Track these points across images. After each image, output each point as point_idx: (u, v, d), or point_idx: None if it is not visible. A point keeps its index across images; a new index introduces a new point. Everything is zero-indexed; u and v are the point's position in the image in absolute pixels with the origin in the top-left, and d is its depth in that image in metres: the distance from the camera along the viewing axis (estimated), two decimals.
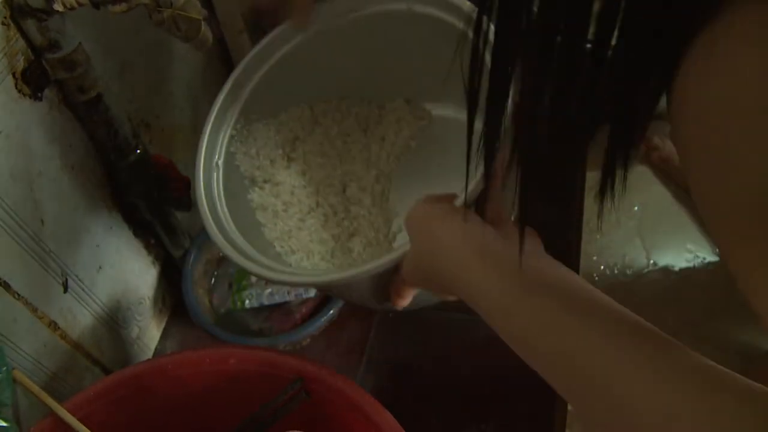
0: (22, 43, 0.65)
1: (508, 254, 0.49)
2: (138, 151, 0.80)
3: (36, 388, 0.67)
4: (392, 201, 0.82)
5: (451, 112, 0.84)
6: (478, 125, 0.47)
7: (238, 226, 0.72)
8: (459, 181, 0.52)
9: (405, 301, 0.64)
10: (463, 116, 0.48)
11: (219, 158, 0.76)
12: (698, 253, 0.79)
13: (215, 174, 0.75)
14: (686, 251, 0.80)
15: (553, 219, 0.97)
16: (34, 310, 0.71)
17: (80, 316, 0.80)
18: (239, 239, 0.70)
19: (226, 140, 0.77)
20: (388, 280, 0.63)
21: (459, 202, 0.56)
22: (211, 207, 0.72)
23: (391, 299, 0.65)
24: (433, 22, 0.72)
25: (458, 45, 0.43)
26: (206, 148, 0.75)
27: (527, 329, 0.47)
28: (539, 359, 0.47)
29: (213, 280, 1.01)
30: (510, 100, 0.46)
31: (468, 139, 0.48)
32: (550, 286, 0.48)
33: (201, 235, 0.98)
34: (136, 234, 0.90)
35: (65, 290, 0.76)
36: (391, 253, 0.60)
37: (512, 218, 0.57)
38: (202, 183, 0.72)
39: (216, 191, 0.74)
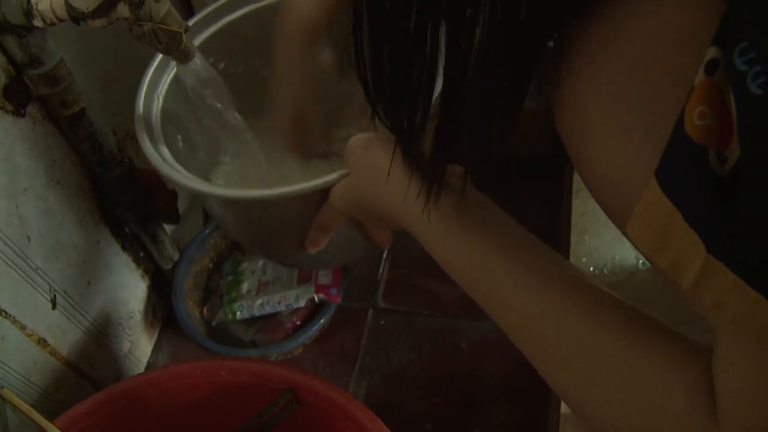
0: (3, 59, 0.65)
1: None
2: (123, 164, 0.80)
3: (26, 406, 0.67)
4: None
5: None
6: None
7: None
8: None
9: (326, 234, 0.67)
10: None
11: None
12: None
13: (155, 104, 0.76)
14: None
15: (542, 221, 0.97)
16: (23, 328, 0.71)
17: (70, 332, 0.79)
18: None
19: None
20: (312, 212, 0.65)
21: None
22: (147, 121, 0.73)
23: (312, 230, 0.67)
24: None
25: None
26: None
27: (455, 262, 0.52)
28: (471, 291, 0.52)
29: (203, 292, 1.01)
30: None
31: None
32: (481, 224, 0.52)
33: (190, 248, 0.98)
34: (124, 248, 0.89)
35: (54, 306, 0.76)
36: (323, 177, 0.62)
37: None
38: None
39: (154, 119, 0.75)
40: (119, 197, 0.83)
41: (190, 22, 0.79)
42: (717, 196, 0.29)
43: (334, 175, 0.62)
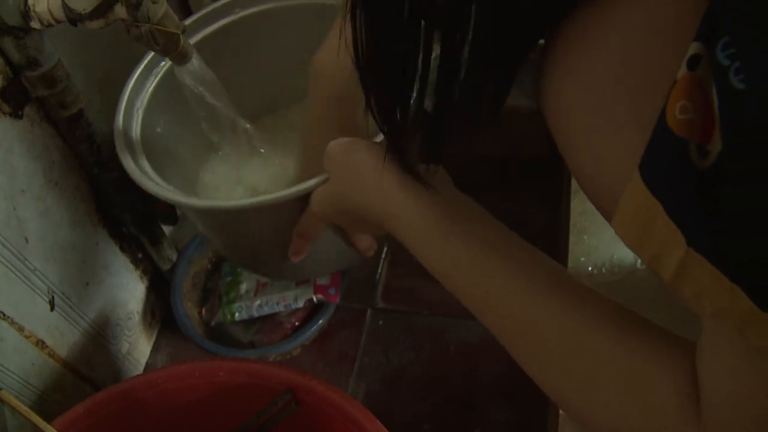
0: (0, 61, 0.65)
1: (426, 188, 0.52)
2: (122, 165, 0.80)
3: (24, 408, 0.67)
4: None
5: None
6: None
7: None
8: None
9: (307, 242, 0.67)
10: None
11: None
12: None
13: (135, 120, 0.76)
14: None
15: (541, 221, 0.97)
16: (21, 330, 0.70)
17: (68, 334, 0.79)
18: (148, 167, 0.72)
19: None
20: (293, 219, 0.65)
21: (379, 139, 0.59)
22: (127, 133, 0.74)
23: (294, 238, 0.67)
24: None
25: None
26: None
27: (449, 266, 0.52)
28: (463, 294, 0.52)
29: (202, 293, 1.00)
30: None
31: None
32: (468, 224, 0.51)
33: (188, 249, 0.98)
34: (122, 249, 0.89)
35: (52, 308, 0.76)
36: (299, 185, 0.62)
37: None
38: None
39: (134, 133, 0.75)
40: (118, 198, 0.82)
41: (189, 20, 0.79)
42: (698, 190, 0.30)
43: (311, 182, 0.61)
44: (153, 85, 0.78)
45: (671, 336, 0.42)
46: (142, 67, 0.78)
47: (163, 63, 0.79)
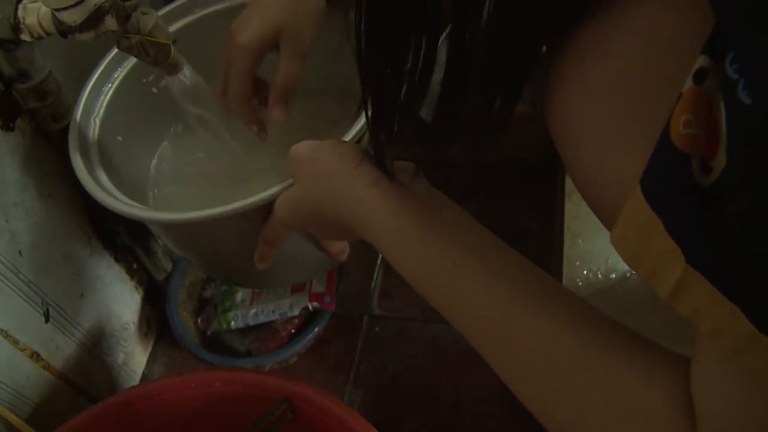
0: None
1: (397, 185, 0.50)
2: None
3: (19, 422, 0.67)
4: None
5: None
6: None
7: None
8: None
9: (273, 248, 0.65)
10: None
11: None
12: None
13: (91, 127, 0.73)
14: None
15: (536, 224, 0.97)
16: (15, 343, 0.70)
17: (63, 346, 0.79)
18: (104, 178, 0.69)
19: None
20: (259, 227, 0.63)
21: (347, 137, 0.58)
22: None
23: (259, 245, 0.65)
24: None
25: None
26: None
27: (421, 267, 0.49)
28: (433, 295, 0.49)
29: (197, 302, 1.00)
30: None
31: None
32: (444, 224, 0.49)
33: (183, 258, 0.98)
34: (117, 259, 0.89)
35: (47, 320, 0.75)
36: (258, 194, 0.60)
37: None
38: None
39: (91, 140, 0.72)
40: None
41: (161, 12, 0.77)
42: (699, 207, 0.29)
43: (275, 189, 0.59)
44: (110, 93, 0.76)
45: (664, 351, 0.41)
46: (100, 70, 0.75)
47: (120, 69, 0.77)
